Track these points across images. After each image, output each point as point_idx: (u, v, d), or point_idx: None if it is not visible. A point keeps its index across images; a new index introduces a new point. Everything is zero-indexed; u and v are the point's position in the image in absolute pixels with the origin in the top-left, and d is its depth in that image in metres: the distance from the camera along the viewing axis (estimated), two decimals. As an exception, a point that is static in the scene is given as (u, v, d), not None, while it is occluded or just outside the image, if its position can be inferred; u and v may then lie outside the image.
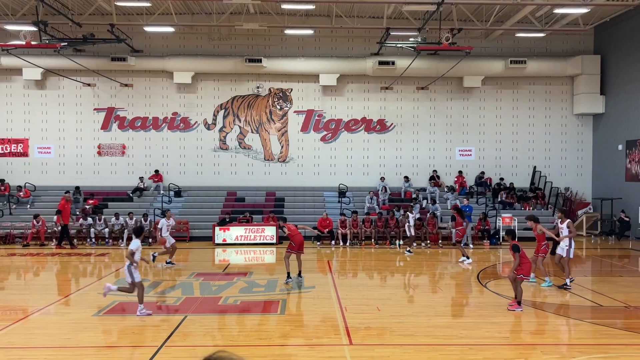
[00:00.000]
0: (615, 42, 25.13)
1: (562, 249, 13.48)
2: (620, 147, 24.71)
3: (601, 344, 8.91)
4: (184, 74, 25.67)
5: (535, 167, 26.75)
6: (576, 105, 26.53)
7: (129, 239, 21.28)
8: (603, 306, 11.72)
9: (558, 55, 26.24)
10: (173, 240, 16.83)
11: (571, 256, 13.46)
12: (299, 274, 14.13)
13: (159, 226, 16.77)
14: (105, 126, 26.37)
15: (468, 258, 17.46)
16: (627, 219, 23.02)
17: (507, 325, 10.13)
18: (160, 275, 15.84)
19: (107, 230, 21.60)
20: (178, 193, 25.52)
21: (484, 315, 10.96)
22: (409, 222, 20.18)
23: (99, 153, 26.36)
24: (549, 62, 25.89)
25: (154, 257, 15.81)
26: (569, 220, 13.80)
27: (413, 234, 20.23)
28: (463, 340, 9.13)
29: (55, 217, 21.10)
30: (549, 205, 25.14)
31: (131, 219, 21.69)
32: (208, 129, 26.61)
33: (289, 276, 13.76)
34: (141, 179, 25.80)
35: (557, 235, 13.98)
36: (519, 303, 11.11)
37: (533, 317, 10.69)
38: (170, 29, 24.46)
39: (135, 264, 10.73)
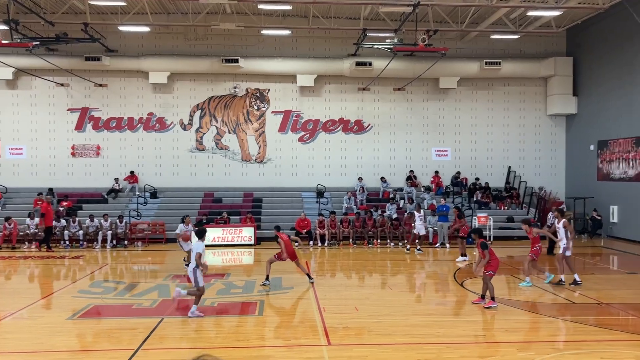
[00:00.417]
0: (586, 44, 25.63)
1: (561, 247, 13.81)
2: (592, 147, 25.22)
3: (574, 341, 9.08)
4: (159, 74, 25.40)
5: (510, 167, 27.13)
6: (549, 106, 27.00)
7: (104, 241, 21.01)
8: (576, 303, 11.94)
9: (532, 56, 26.67)
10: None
11: (567, 254, 13.73)
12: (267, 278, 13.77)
13: (178, 231, 16.29)
14: (79, 127, 25.96)
15: (465, 256, 17.72)
16: (599, 218, 23.50)
17: (483, 324, 10.24)
18: (136, 277, 15.66)
19: (81, 232, 21.25)
20: (154, 194, 25.25)
21: (461, 313, 11.09)
22: (415, 222, 20.19)
23: (73, 154, 25.93)
24: (523, 64, 26.29)
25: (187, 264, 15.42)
26: (564, 219, 14.08)
27: (423, 232, 20.24)
28: (440, 339, 9.21)
29: (37, 219, 20.78)
30: (524, 205, 25.51)
31: (106, 220, 21.39)
32: (184, 129, 26.38)
33: (267, 279, 13.65)
34: (116, 180, 25.46)
35: (555, 234, 14.27)
36: (493, 299, 11.30)
37: (508, 315, 10.84)
38: (146, 29, 24.19)
39: (201, 267, 10.68)
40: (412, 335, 9.38)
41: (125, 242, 21.47)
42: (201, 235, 10.90)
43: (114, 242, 21.28)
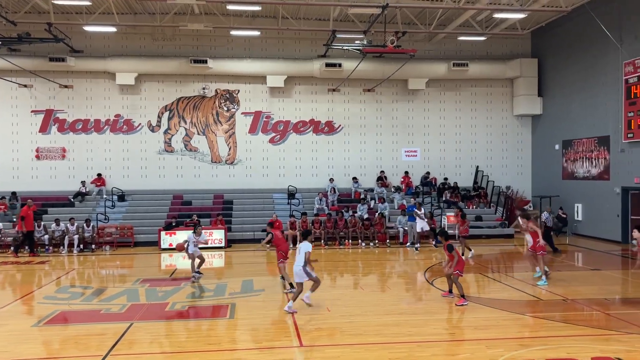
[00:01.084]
0: (550, 46, 26.24)
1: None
2: (557, 146, 25.81)
3: (541, 337, 9.28)
4: (126, 75, 25.00)
5: (477, 167, 27.56)
6: (516, 106, 27.53)
7: (71, 245, 20.56)
8: (543, 300, 12.19)
9: (498, 58, 27.15)
10: (199, 252, 14.91)
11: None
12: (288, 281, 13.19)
13: (187, 238, 14.91)
14: (44, 129, 25.35)
15: (470, 250, 18.15)
16: (564, 216, 24.02)
17: (453, 322, 10.38)
18: (104, 282, 15.38)
19: (46, 237, 20.75)
20: (122, 197, 24.83)
21: (432, 312, 11.21)
22: (415, 221, 20.62)
23: (37, 157, 25.31)
24: (490, 65, 26.76)
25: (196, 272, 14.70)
26: (532, 219, 14.76)
27: (427, 228, 20.56)
28: (411, 337, 9.30)
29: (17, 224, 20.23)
30: (492, 204, 25.95)
31: (72, 224, 20.95)
32: (152, 131, 26.03)
33: (291, 286, 12.65)
34: (83, 183, 24.95)
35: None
36: (463, 296, 11.55)
37: (478, 313, 11.00)
38: (112, 29, 23.76)
39: (311, 266, 11.25)
40: (383, 335, 9.44)
41: (93, 246, 21.07)
42: (306, 236, 11.82)
43: (81, 246, 20.86)
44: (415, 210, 20.99)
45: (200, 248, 14.27)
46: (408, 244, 21.35)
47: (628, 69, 20.72)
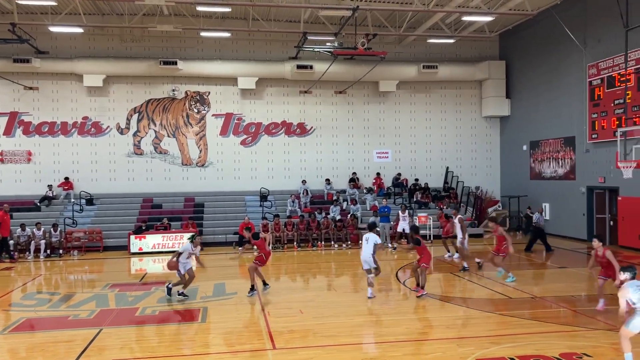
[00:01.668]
0: (517, 48, 26.76)
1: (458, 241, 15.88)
2: (524, 147, 26.32)
3: (511, 334, 9.43)
4: (94, 77, 24.56)
5: (447, 168, 27.91)
6: (484, 108, 27.98)
7: (37, 250, 20.08)
8: (512, 298, 12.40)
9: (467, 60, 27.56)
10: (190, 266, 13.09)
11: (465, 246, 16.33)
12: (265, 283, 13.26)
13: (180, 250, 12.89)
14: (8, 132, 24.72)
15: (449, 253, 18.28)
16: (532, 215, 24.47)
17: (425, 321, 10.48)
18: (72, 288, 15.06)
19: (11, 242, 20.21)
20: (90, 201, 24.36)
21: (403, 312, 11.30)
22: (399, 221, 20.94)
23: (2, 160, 24.66)
24: (459, 67, 27.14)
25: (169, 289, 12.83)
26: (460, 215, 16.37)
27: (404, 230, 20.68)
28: (384, 337, 9.36)
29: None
30: (462, 204, 26.29)
31: (39, 229, 20.46)
32: (121, 133, 25.62)
33: (253, 289, 12.70)
34: (50, 187, 24.40)
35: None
36: (423, 287, 12.46)
37: (449, 312, 11.13)
38: (79, 30, 23.31)
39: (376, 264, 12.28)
40: (356, 336, 9.48)
41: (60, 251, 20.62)
42: (372, 227, 12.50)
43: (48, 251, 20.39)
44: (400, 212, 21.21)
45: (170, 252, 14.06)
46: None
47: (592, 72, 21.26)
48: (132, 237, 21.07)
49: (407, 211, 21.61)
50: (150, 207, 24.55)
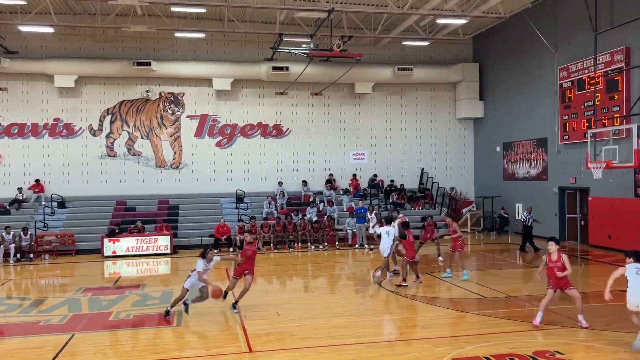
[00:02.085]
0: (491, 51, 27.14)
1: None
2: (498, 148, 26.68)
3: (486, 333, 9.53)
4: (66, 78, 24.11)
5: (423, 169, 28.14)
6: (458, 110, 28.30)
7: (7, 255, 19.63)
8: (487, 298, 12.55)
9: (441, 63, 27.84)
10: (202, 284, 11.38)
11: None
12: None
13: (198, 269, 11.18)
14: (-24, 133, 24.14)
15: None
16: (506, 216, 24.86)
17: (401, 322, 10.53)
18: (43, 292, 14.75)
19: (-20, 247, 19.72)
20: (62, 204, 23.89)
21: (380, 313, 11.34)
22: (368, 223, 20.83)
23: (-31, 163, 24.07)
24: (433, 70, 27.39)
25: (187, 305, 11.14)
26: (399, 220, 15.32)
27: (379, 232, 20.53)
28: (361, 339, 9.37)
29: None
30: (437, 205, 26.54)
31: (8, 233, 19.98)
32: (94, 135, 25.21)
33: (226, 295, 11.75)
34: (20, 189, 23.85)
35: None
36: (404, 279, 13.52)
37: (425, 312, 11.21)
38: (50, 29, 22.85)
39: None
40: (333, 337, 9.47)
41: (31, 255, 20.18)
42: (390, 221, 13.67)
43: (18, 255, 19.92)
44: (367, 213, 21.24)
45: (144, 255, 13.78)
46: (357, 245, 21.54)
47: (563, 74, 21.66)
48: (106, 240, 20.73)
49: (374, 213, 21.54)
50: (124, 209, 24.19)
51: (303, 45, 22.58)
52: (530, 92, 23.98)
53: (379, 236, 14.80)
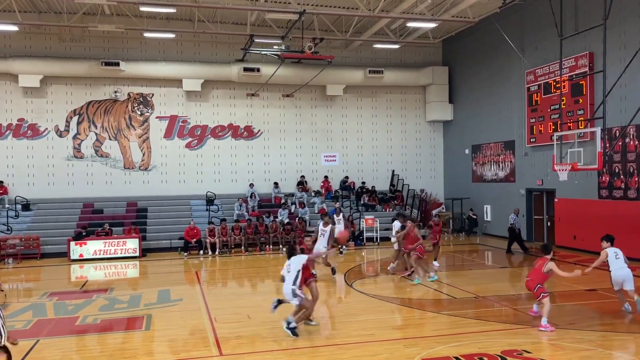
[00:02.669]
0: (460, 54, 27.52)
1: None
2: (467, 151, 27.06)
3: (456, 334, 9.64)
4: (30, 77, 23.52)
5: (393, 171, 28.35)
6: (428, 112, 28.60)
7: None
8: (457, 298, 12.70)
9: (411, 66, 28.11)
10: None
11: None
12: None
13: (291, 272, 9.91)
14: (-64, 134, 23.37)
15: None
16: (474, 217, 25.23)
17: (373, 323, 10.56)
18: (6, 297, 14.33)
19: (-61, 251, 19.09)
20: (26, 206, 23.28)
21: (351, 314, 11.36)
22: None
23: None
24: (404, 73, 27.64)
25: (293, 330, 9.62)
26: (330, 225, 15.57)
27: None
28: (332, 340, 9.37)
29: None
30: (407, 206, 26.77)
31: (-30, 237, 19.41)
32: (60, 136, 24.66)
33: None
34: (-19, 192, 23.20)
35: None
36: (406, 269, 14.79)
37: (396, 313, 11.28)
38: (14, 28, 22.24)
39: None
40: (304, 339, 9.44)
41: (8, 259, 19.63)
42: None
43: (-20, 260, 19.36)
44: (334, 215, 21.04)
45: (112, 258, 13.41)
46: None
47: (530, 78, 22.10)
48: (72, 243, 20.29)
49: (341, 214, 20.98)
50: (91, 212, 23.72)
51: (274, 47, 22.50)
52: (499, 95, 24.40)
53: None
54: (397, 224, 16.92)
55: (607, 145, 16.62)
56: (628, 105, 17.34)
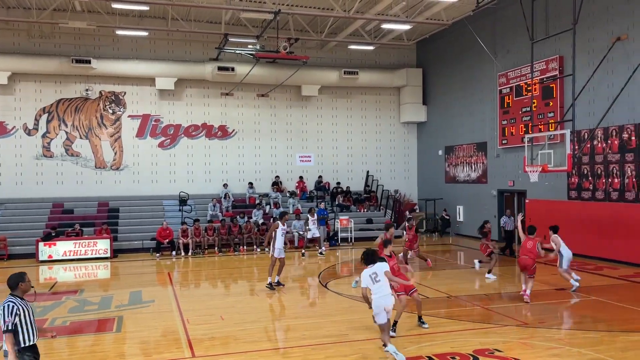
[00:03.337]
0: (434, 57, 27.79)
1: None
2: (440, 152, 27.34)
3: (428, 333, 9.72)
4: (-2, 74, 22.99)
5: (368, 172, 28.48)
6: (402, 114, 28.81)
7: None
8: (429, 297, 12.80)
9: (386, 67, 28.28)
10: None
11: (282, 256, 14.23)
12: None
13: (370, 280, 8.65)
14: None
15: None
16: (447, 217, 25.50)
17: (346, 323, 10.58)
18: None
19: None
20: (-7, 206, 22.74)
21: (325, 314, 11.36)
22: (309, 226, 20.61)
23: None
24: (378, 74, 27.79)
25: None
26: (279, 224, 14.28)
27: (317, 235, 20.53)
28: (306, 341, 9.36)
29: None
30: (381, 207, 26.92)
31: None
32: (29, 134, 24.12)
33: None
34: (-54, 191, 22.55)
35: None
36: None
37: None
38: (-19, 23, 21.74)
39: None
40: (278, 340, 9.42)
41: (-41, 261, 19.10)
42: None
43: (-56, 261, 18.80)
44: (308, 216, 20.94)
45: (82, 259, 13.18)
46: (303, 249, 21.10)
47: (502, 81, 22.44)
48: (41, 244, 19.86)
49: (315, 215, 21.05)
50: (61, 212, 23.26)
51: (249, 46, 22.37)
52: (471, 97, 24.71)
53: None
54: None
55: (576, 147, 16.97)
56: (596, 109, 17.73)
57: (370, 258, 8.39)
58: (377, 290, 8.13)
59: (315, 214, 21.08)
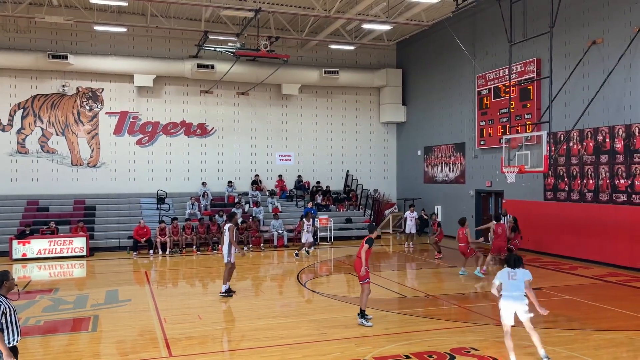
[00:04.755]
0: (414, 57, 27.97)
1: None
2: (419, 152, 27.53)
3: (406, 332, 9.79)
4: (-29, 68, 22.50)
5: (348, 171, 28.54)
6: (382, 114, 28.94)
7: None
8: (407, 297, 12.89)
9: (366, 67, 28.37)
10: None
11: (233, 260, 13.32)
12: None
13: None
14: None
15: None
16: (425, 217, 25.65)
17: (324, 322, 10.59)
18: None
19: None
20: (-35, 203, 22.25)
21: (304, 313, 11.36)
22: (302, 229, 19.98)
23: None
24: (359, 74, 27.86)
25: None
26: (230, 224, 13.32)
27: (311, 240, 19.89)
28: (284, 340, 9.34)
29: None
30: (361, 206, 27.00)
31: None
32: (3, 130, 23.65)
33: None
34: None
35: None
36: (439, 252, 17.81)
37: (347, 312, 11.34)
38: (-46, 16, 21.25)
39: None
40: (256, 340, 9.39)
41: None
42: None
43: None
44: (304, 221, 20.12)
45: (58, 257, 12.99)
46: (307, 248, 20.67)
47: (480, 82, 22.68)
48: (15, 242, 19.50)
49: (312, 220, 20.41)
50: (36, 210, 22.86)
51: (229, 44, 22.29)
52: (450, 98, 24.92)
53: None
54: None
55: (553, 148, 17.22)
56: (572, 111, 18.03)
57: (516, 262, 8.09)
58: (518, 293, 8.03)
59: (312, 219, 20.48)
